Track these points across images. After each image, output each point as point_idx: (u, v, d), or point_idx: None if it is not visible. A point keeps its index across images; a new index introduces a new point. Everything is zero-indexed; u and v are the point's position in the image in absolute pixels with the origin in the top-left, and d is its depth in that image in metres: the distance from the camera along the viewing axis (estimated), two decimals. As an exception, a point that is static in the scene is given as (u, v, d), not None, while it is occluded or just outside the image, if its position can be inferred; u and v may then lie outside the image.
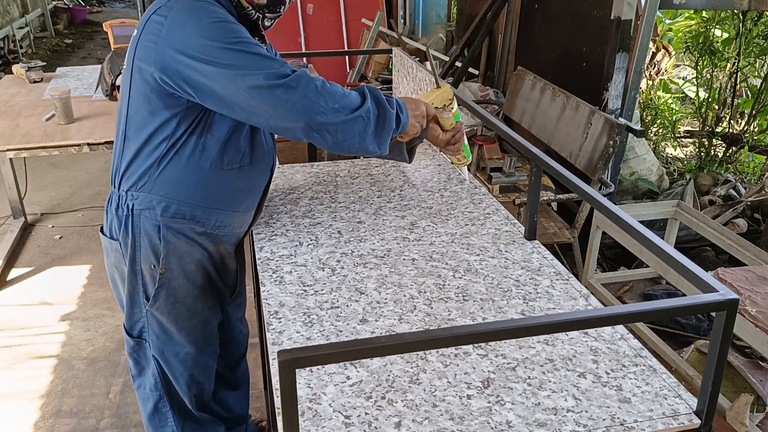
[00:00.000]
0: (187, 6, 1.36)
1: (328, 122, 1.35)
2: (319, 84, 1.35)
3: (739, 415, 1.96)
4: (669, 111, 5.06)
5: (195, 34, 1.33)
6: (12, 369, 2.71)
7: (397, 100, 1.49)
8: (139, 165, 1.50)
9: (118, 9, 12.30)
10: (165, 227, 1.54)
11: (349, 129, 1.37)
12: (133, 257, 1.57)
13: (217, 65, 1.32)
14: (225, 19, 1.35)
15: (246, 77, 1.32)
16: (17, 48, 7.84)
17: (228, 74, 1.33)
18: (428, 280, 1.46)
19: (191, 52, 1.33)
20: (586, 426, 1.06)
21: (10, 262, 3.50)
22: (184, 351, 1.70)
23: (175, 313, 1.65)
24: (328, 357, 0.87)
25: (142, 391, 1.78)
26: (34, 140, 2.92)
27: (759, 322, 2.02)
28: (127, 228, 1.55)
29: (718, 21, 4.66)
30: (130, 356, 1.75)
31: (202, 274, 1.64)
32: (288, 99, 1.32)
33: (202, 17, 1.34)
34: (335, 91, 1.37)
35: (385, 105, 1.43)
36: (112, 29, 3.49)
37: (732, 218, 3.40)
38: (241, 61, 1.32)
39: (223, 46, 1.32)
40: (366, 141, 1.41)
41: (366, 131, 1.40)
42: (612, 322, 1.15)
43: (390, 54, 2.90)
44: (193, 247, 1.59)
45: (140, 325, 1.67)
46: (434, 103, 1.57)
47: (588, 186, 1.38)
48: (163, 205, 1.52)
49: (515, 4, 4.20)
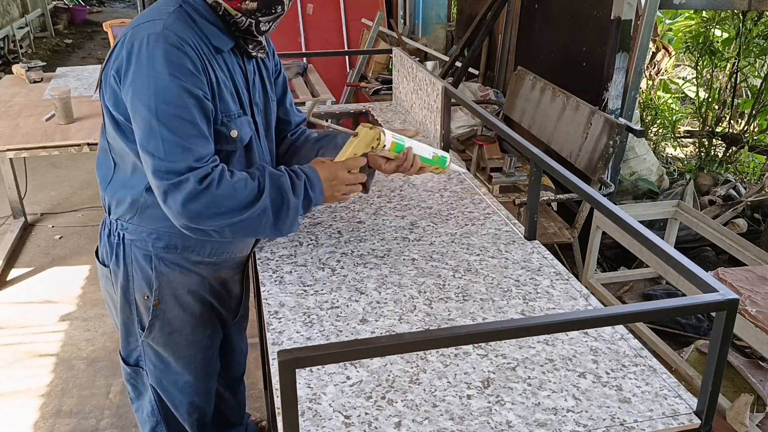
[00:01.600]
0: (146, 43, 1.27)
1: (210, 227, 1.32)
2: (202, 188, 1.28)
3: (739, 415, 1.96)
4: (669, 111, 5.05)
5: (137, 75, 1.27)
6: (12, 369, 2.70)
7: (306, 176, 1.41)
8: (126, 196, 1.44)
9: (118, 9, 12.29)
10: (157, 258, 1.49)
11: (237, 228, 1.34)
12: (126, 287, 1.53)
13: (136, 117, 1.29)
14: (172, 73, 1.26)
15: (145, 151, 1.29)
16: (17, 48, 7.84)
17: (139, 139, 1.30)
18: (428, 280, 1.46)
19: (127, 91, 1.29)
20: (586, 426, 1.06)
21: (10, 262, 3.50)
22: (183, 380, 1.66)
23: (172, 343, 1.59)
24: (328, 357, 0.87)
25: (140, 415, 1.75)
26: (34, 140, 2.92)
27: (759, 322, 2.02)
28: (118, 257, 1.50)
29: (718, 21, 4.66)
30: (128, 382, 1.71)
31: (199, 304, 1.58)
32: (165, 201, 1.29)
33: (152, 61, 1.26)
34: (221, 194, 1.29)
35: (287, 194, 1.37)
36: (112, 29, 3.49)
37: (732, 218, 3.39)
38: (149, 132, 1.27)
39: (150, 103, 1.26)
40: (262, 232, 1.38)
41: (260, 225, 1.35)
42: (612, 322, 1.15)
43: (390, 54, 2.90)
44: (189, 276, 1.53)
45: (136, 353, 1.63)
46: (357, 153, 1.46)
47: (588, 186, 1.38)
48: (154, 237, 1.47)
49: (515, 4, 4.19)
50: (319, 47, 5.31)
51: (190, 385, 1.67)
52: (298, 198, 1.39)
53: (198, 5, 1.36)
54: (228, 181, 1.32)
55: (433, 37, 5.86)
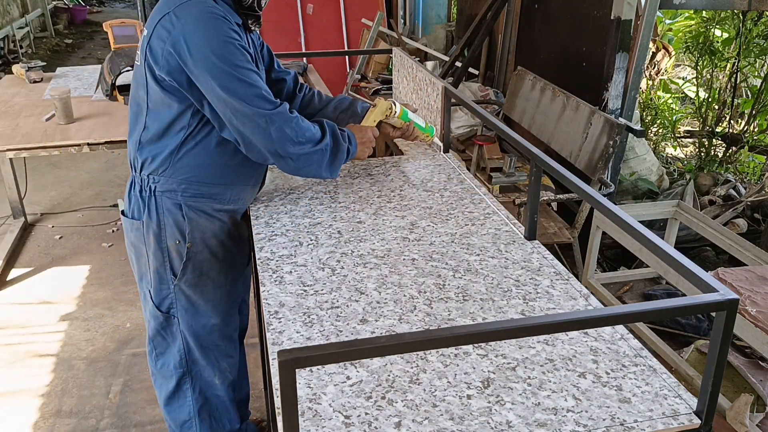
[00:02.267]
0: (196, 17, 1.49)
1: (293, 152, 1.60)
2: (293, 120, 1.58)
3: (739, 415, 1.96)
4: (669, 111, 5.05)
5: (201, 48, 1.48)
6: (12, 369, 2.70)
7: (348, 133, 1.75)
8: (159, 153, 1.63)
9: (118, 9, 12.29)
10: (186, 206, 1.68)
11: (309, 159, 1.63)
12: (159, 235, 1.69)
13: (214, 82, 1.49)
14: (230, 38, 1.50)
15: (235, 101, 1.51)
16: (17, 48, 7.84)
17: (221, 95, 1.51)
18: (428, 280, 1.46)
19: (196, 62, 1.49)
20: (586, 426, 1.06)
21: (10, 262, 3.50)
22: (211, 322, 1.81)
23: (201, 285, 1.76)
24: (328, 357, 0.87)
25: (166, 370, 1.86)
26: (34, 140, 2.92)
27: (759, 322, 2.02)
28: (150, 209, 1.68)
29: (718, 21, 4.66)
30: (157, 333, 1.83)
31: (222, 248, 1.76)
32: (266, 129, 1.55)
33: (211, 33, 1.49)
34: (304, 126, 1.61)
35: (339, 140, 1.70)
36: (112, 29, 3.49)
37: (732, 218, 3.39)
38: (234, 86, 1.50)
39: (223, 68, 1.49)
40: (321, 169, 1.67)
41: (322, 161, 1.66)
42: (612, 322, 1.15)
43: (390, 54, 2.90)
44: (213, 222, 1.72)
45: (168, 301, 1.77)
46: (376, 120, 1.86)
47: (588, 186, 1.38)
48: (183, 187, 1.66)
49: (515, 4, 4.19)
50: (319, 47, 5.31)
51: (217, 329, 1.83)
52: (345, 143, 1.71)
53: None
54: (305, 119, 1.63)
55: (433, 37, 5.86)
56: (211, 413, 1.93)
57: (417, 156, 2.19)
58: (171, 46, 1.49)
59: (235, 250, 1.81)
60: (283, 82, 1.92)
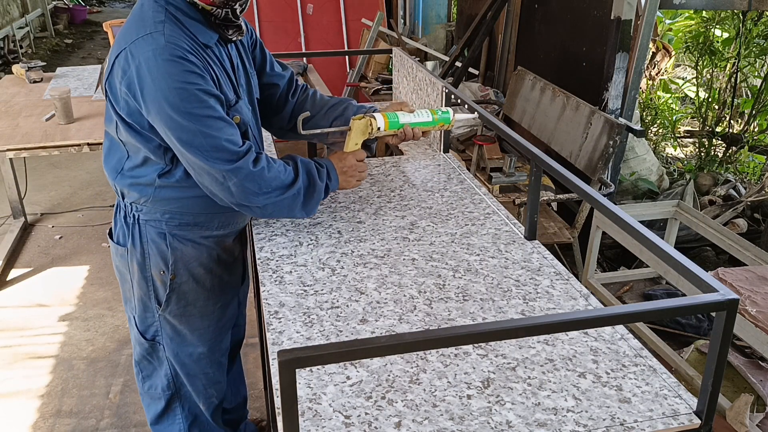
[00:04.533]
0: (150, 59, 1.35)
1: (259, 203, 1.49)
2: (256, 173, 1.45)
3: (739, 415, 1.96)
4: (669, 111, 5.05)
5: (154, 96, 1.36)
6: (12, 369, 2.70)
7: (328, 167, 1.62)
8: (138, 184, 1.55)
9: (118, 9, 12.30)
10: (171, 235, 1.60)
11: (278, 206, 1.52)
12: (143, 264, 1.62)
13: (168, 133, 1.40)
14: (187, 83, 1.36)
15: (190, 154, 1.41)
16: (17, 48, 7.84)
17: (176, 146, 1.41)
18: (428, 280, 1.46)
19: (149, 110, 1.38)
20: (586, 426, 1.06)
21: (10, 262, 3.50)
22: (198, 351, 1.75)
23: (187, 315, 1.69)
24: (328, 357, 0.87)
25: (154, 392, 1.81)
26: (34, 140, 2.92)
27: (759, 322, 2.02)
28: (134, 237, 1.61)
29: (718, 21, 4.66)
30: (143, 359, 1.77)
31: (210, 275, 1.68)
32: (224, 183, 1.44)
33: (164, 79, 1.35)
34: (269, 177, 1.48)
35: (315, 179, 1.57)
36: (112, 29, 3.49)
37: (732, 218, 3.39)
38: (189, 138, 1.39)
39: (176, 119, 1.37)
40: (294, 212, 1.56)
41: (294, 205, 1.55)
42: (612, 322, 1.15)
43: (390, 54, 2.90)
44: (200, 250, 1.64)
45: (153, 329, 1.72)
46: (357, 143, 1.67)
47: (588, 186, 1.38)
48: (167, 217, 1.58)
49: (515, 4, 4.19)
50: (319, 47, 5.31)
51: (204, 356, 1.77)
52: (322, 182, 1.58)
53: (180, 4, 1.42)
54: (273, 166, 1.50)
55: (433, 37, 5.86)
56: (201, 428, 1.90)
57: (417, 156, 2.19)
58: (126, 87, 1.39)
59: (226, 274, 1.73)
60: (274, 87, 1.79)
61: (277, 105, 1.81)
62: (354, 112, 1.77)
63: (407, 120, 1.71)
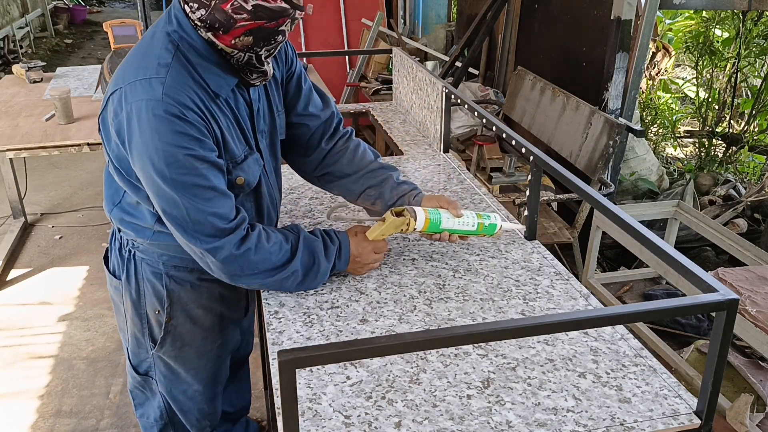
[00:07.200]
0: (142, 111, 1.20)
1: (243, 282, 1.35)
2: (241, 256, 1.29)
3: (739, 415, 1.96)
4: (669, 111, 5.05)
5: (140, 153, 1.22)
6: (12, 369, 2.70)
7: (340, 245, 1.41)
8: (134, 222, 1.43)
9: (118, 9, 12.29)
10: (167, 276, 1.49)
11: (266, 285, 1.37)
12: (137, 301, 1.52)
13: (152, 194, 1.28)
14: (176, 147, 1.21)
15: (170, 222, 1.29)
16: (17, 48, 7.84)
17: (159, 208, 1.29)
18: (428, 280, 1.46)
19: (135, 165, 1.26)
20: (586, 426, 1.06)
21: (10, 262, 3.50)
22: (192, 389, 1.66)
23: (183, 355, 1.59)
24: (328, 357, 0.87)
25: (146, 421, 1.75)
26: (34, 140, 2.92)
27: (759, 322, 2.02)
28: (129, 272, 1.50)
29: (718, 21, 4.66)
30: (135, 389, 1.71)
31: (209, 316, 1.57)
32: (203, 259, 1.31)
33: (152, 138, 1.20)
34: (255, 260, 1.31)
35: (318, 259, 1.38)
36: (112, 29, 3.49)
37: (732, 218, 3.40)
38: (170, 206, 1.26)
39: (159, 184, 1.23)
40: (291, 288, 1.39)
41: (287, 284, 1.37)
42: (612, 322, 1.15)
43: (390, 54, 2.90)
44: (199, 291, 1.53)
45: (146, 364, 1.63)
46: (385, 234, 1.43)
47: (588, 186, 1.38)
48: (165, 258, 1.47)
49: (515, 4, 4.19)
50: (319, 47, 5.31)
51: (199, 394, 1.68)
52: (329, 262, 1.40)
53: (196, 43, 1.26)
54: (265, 246, 1.32)
55: (433, 37, 5.86)
56: None
57: (417, 156, 2.19)
58: (116, 131, 1.26)
59: (227, 311, 1.61)
60: (303, 127, 1.56)
61: (306, 147, 1.59)
62: (393, 187, 1.54)
63: (449, 226, 1.46)
